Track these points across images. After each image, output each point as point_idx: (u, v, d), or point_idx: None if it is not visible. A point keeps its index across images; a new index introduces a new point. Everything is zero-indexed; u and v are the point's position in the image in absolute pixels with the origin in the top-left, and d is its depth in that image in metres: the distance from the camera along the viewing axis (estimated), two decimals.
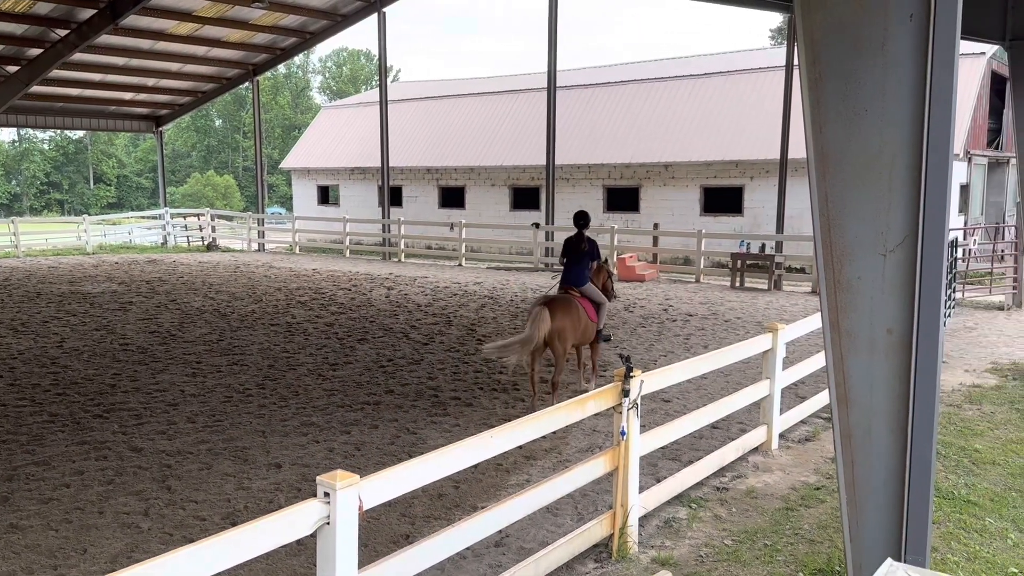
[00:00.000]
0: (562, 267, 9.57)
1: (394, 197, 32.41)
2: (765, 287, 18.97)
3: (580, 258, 9.41)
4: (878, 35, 4.04)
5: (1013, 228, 18.56)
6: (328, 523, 3.43)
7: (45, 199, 75.65)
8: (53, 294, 17.43)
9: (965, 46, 21.81)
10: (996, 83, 25.89)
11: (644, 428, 6.03)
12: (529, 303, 10.44)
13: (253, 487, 6.47)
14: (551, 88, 22.90)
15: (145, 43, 25.33)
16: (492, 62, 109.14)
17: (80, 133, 73.53)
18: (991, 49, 23.41)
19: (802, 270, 22.00)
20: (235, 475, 6.72)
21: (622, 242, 24.05)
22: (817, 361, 8.30)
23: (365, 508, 3.58)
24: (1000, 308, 15.77)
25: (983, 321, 14.42)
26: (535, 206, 28.88)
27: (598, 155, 28.03)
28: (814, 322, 8.15)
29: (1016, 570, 5.13)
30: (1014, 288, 16.03)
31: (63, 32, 22.54)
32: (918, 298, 4.06)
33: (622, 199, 28.03)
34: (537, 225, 20.77)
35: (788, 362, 8.05)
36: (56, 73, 24.98)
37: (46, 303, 16.14)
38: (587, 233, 9.59)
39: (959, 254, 15.68)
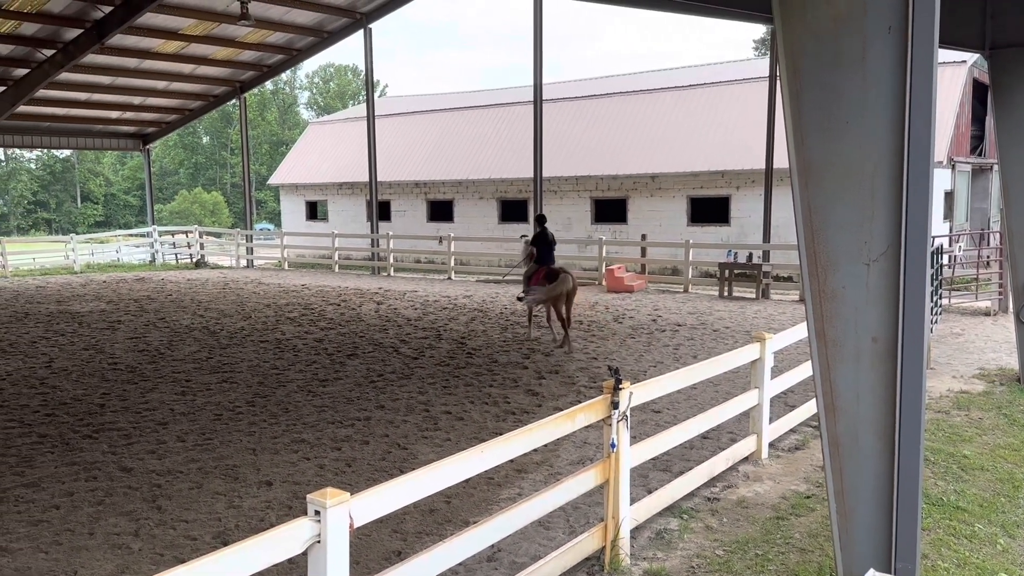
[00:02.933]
0: (533, 252, 13.82)
1: (382, 211, 32.41)
2: (753, 296, 19.04)
3: (550, 246, 13.73)
4: (857, 48, 4.09)
5: (997, 234, 18.72)
6: (319, 541, 3.42)
7: (32, 218, 75.25)
8: (41, 314, 17.33)
9: (947, 54, 22.05)
10: (978, 91, 26.17)
11: (634, 439, 6.04)
12: (527, 272, 13.83)
13: (244, 505, 6.44)
14: (537, 101, 22.99)
15: (131, 62, 25.30)
16: (479, 76, 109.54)
17: (67, 152, 73.23)
18: (972, 57, 23.67)
19: (789, 279, 22.10)
20: (225, 494, 6.69)
21: (610, 253, 24.11)
22: (805, 370, 8.33)
23: (356, 525, 3.57)
24: (987, 314, 15.89)
25: (970, 327, 14.52)
26: (523, 219, 28.93)
27: (585, 167, 28.14)
28: (802, 331, 8.19)
29: (1005, 575, 5.16)
30: (1000, 293, 16.16)
31: (49, 52, 22.49)
32: (902, 307, 4.10)
33: (610, 210, 28.13)
34: (525, 237, 20.77)
35: (777, 371, 8.08)
36: (42, 93, 24.88)
37: (34, 323, 16.04)
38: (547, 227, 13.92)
39: (944, 261, 15.79)
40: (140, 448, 7.92)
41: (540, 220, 14.26)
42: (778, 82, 5.90)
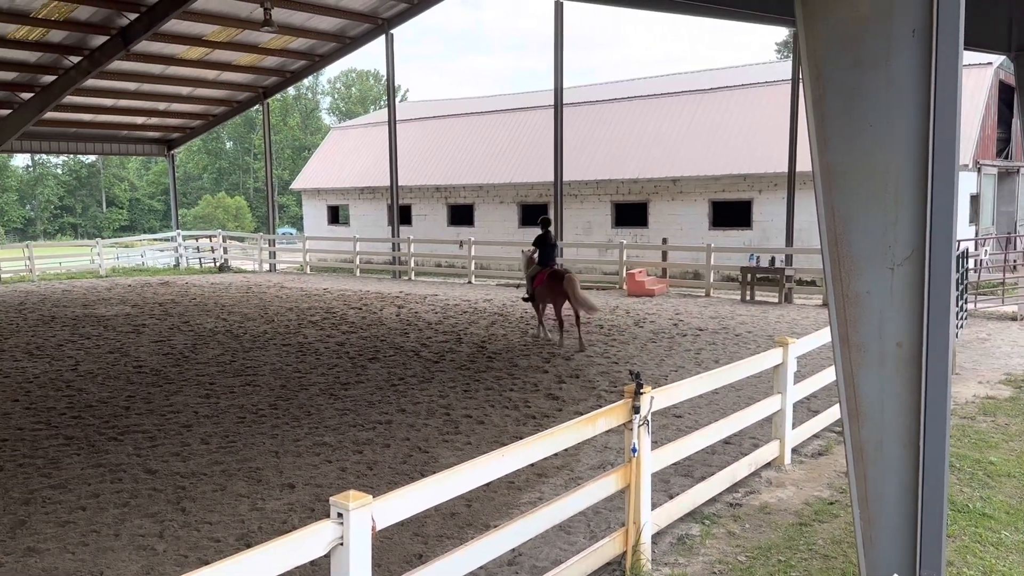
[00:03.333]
0: (534, 257, 14.49)
1: (403, 216, 32.55)
2: (776, 300, 18.92)
3: (551, 248, 14.35)
4: (881, 51, 4.07)
5: None
6: (342, 544, 3.44)
7: (59, 223, 76.37)
8: (67, 317, 17.56)
9: (972, 56, 21.80)
10: (1004, 93, 25.84)
11: (656, 444, 6.02)
12: (530, 273, 14.44)
13: (267, 508, 6.49)
14: (558, 105, 23.01)
15: (156, 68, 25.61)
16: (500, 80, 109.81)
17: (93, 157, 74.26)
18: (998, 59, 23.39)
19: (813, 282, 21.93)
20: (249, 496, 6.75)
21: (631, 257, 24.05)
22: (829, 375, 8.28)
23: (378, 528, 3.59)
24: (1013, 318, 15.67)
25: (996, 332, 14.33)
26: None
27: (606, 171, 28.10)
28: (825, 336, 8.13)
29: None
30: None
31: (76, 59, 22.81)
32: (927, 311, 4.06)
33: (631, 214, 28.06)
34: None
35: (800, 376, 8.03)
36: (69, 99, 25.26)
37: (60, 326, 16.26)
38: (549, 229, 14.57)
39: (970, 265, 15.60)
40: (165, 450, 8.00)
41: (544, 223, 14.65)
42: (800, 85, 5.88)
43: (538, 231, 14.67)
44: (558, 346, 13.35)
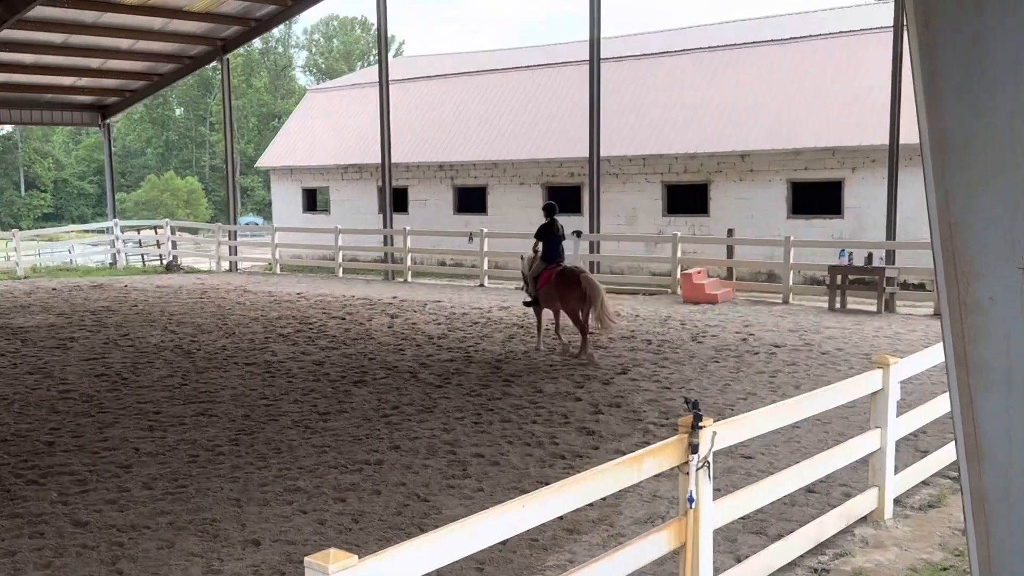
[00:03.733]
0: (537, 249, 14.77)
1: (398, 201, 32.68)
2: (874, 309, 18.82)
3: (558, 240, 14.66)
4: None
5: None
6: None
7: None
8: None
9: None
10: None
11: (719, 492, 6.00)
12: (533, 272, 14.76)
13: (225, 570, 6.53)
14: (594, 60, 23.01)
15: (89, 15, 25.87)
16: (519, 29, 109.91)
17: (8, 128, 75.10)
18: None
19: (922, 286, 21.80)
20: (203, 555, 6.79)
21: (687, 253, 24.00)
22: (943, 404, 8.22)
23: None
24: None
25: None
26: (575, 209, 28.94)
27: (655, 144, 28.10)
28: (937, 354, 8.08)
29: None
30: None
31: None
32: None
33: (686, 199, 28.04)
34: (579, 234, 20.59)
35: (905, 406, 7.98)
36: None
37: None
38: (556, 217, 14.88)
39: None
40: (97, 497, 8.07)
41: (549, 210, 15.11)
42: (905, 33, 5.86)
43: (542, 220, 15.01)
44: (593, 365, 13.40)
